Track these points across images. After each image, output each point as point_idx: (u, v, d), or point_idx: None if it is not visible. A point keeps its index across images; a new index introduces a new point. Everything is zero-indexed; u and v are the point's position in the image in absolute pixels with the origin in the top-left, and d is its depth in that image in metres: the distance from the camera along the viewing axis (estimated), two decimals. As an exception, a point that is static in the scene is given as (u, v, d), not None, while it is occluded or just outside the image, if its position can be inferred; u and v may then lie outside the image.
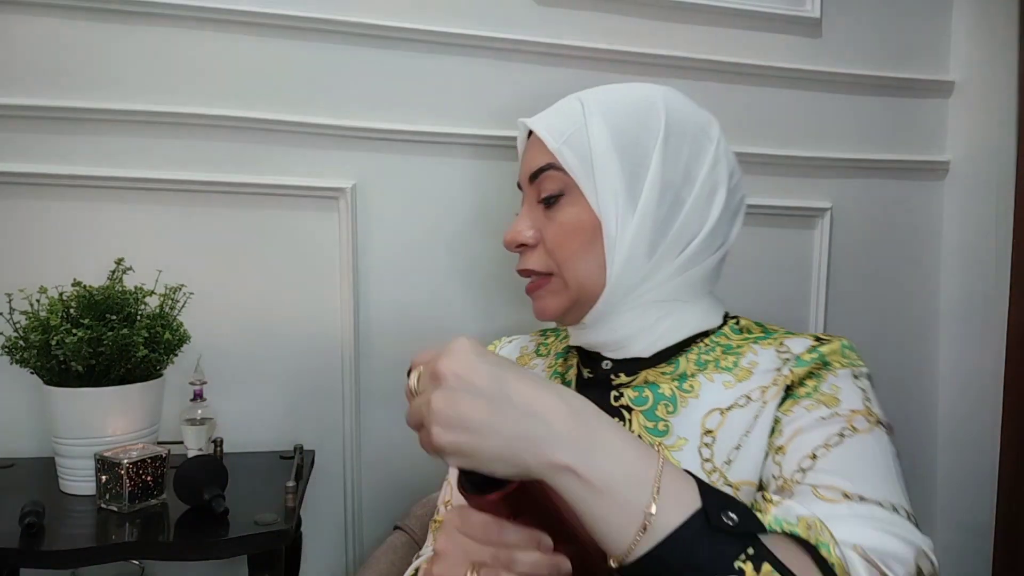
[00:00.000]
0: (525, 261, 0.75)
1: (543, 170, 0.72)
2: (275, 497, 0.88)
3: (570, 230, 0.71)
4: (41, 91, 1.02)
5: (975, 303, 1.37)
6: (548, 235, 0.72)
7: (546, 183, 0.72)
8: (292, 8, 1.07)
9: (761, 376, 0.68)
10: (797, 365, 0.66)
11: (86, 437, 0.89)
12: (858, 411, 0.62)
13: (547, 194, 0.72)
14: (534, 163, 0.73)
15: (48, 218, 1.04)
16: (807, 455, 0.58)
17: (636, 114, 0.71)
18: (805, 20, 1.28)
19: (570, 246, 0.71)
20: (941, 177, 1.40)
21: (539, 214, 0.74)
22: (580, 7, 1.19)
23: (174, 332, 0.95)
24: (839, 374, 0.65)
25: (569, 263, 0.71)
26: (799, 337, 0.71)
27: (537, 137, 0.73)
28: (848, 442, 0.59)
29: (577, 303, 0.72)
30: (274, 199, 1.11)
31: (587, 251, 0.70)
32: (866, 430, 0.60)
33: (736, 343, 0.72)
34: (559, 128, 0.72)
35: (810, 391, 0.64)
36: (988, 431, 1.33)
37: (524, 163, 0.77)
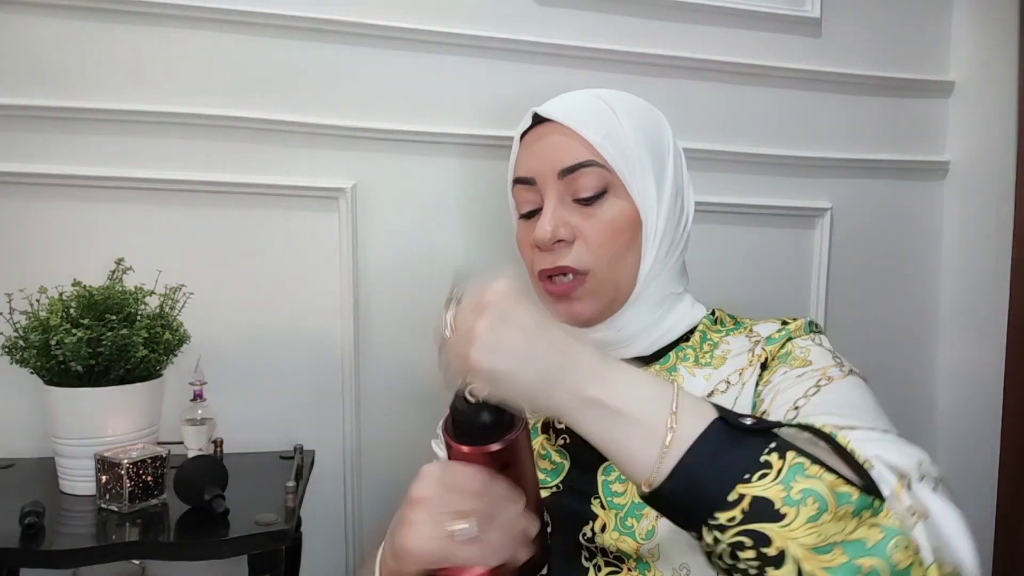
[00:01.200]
0: (559, 258, 0.70)
1: (583, 166, 0.69)
2: (275, 497, 0.88)
3: (617, 227, 0.69)
4: (41, 91, 1.02)
5: (975, 303, 1.37)
6: (591, 232, 0.70)
7: (585, 179, 0.69)
8: (292, 8, 1.07)
9: (735, 360, 0.70)
10: (768, 343, 0.69)
11: (86, 437, 0.89)
12: (830, 365, 0.64)
13: (589, 192, 0.69)
14: (567, 158, 0.70)
15: (48, 218, 1.04)
16: (789, 408, 0.59)
17: (651, 120, 0.74)
18: (805, 20, 1.28)
19: (616, 243, 0.69)
20: (941, 177, 1.40)
21: (571, 211, 0.70)
22: (580, 7, 1.18)
23: (174, 332, 0.95)
24: (805, 341, 0.69)
25: (613, 261, 0.70)
26: (766, 322, 0.74)
27: (561, 131, 0.70)
28: (826, 389, 0.60)
29: (611, 302, 0.71)
30: (274, 199, 1.11)
31: (629, 249, 0.70)
32: (841, 377, 0.62)
33: (712, 334, 0.75)
34: (595, 122, 0.70)
35: (782, 359, 0.67)
36: (988, 431, 1.33)
37: (544, 157, 0.72)
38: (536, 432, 0.77)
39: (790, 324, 0.72)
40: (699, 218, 1.27)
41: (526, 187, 0.74)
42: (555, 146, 0.71)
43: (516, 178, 0.75)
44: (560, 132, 0.71)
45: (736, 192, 1.28)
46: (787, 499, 0.40)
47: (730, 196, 1.28)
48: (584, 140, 0.69)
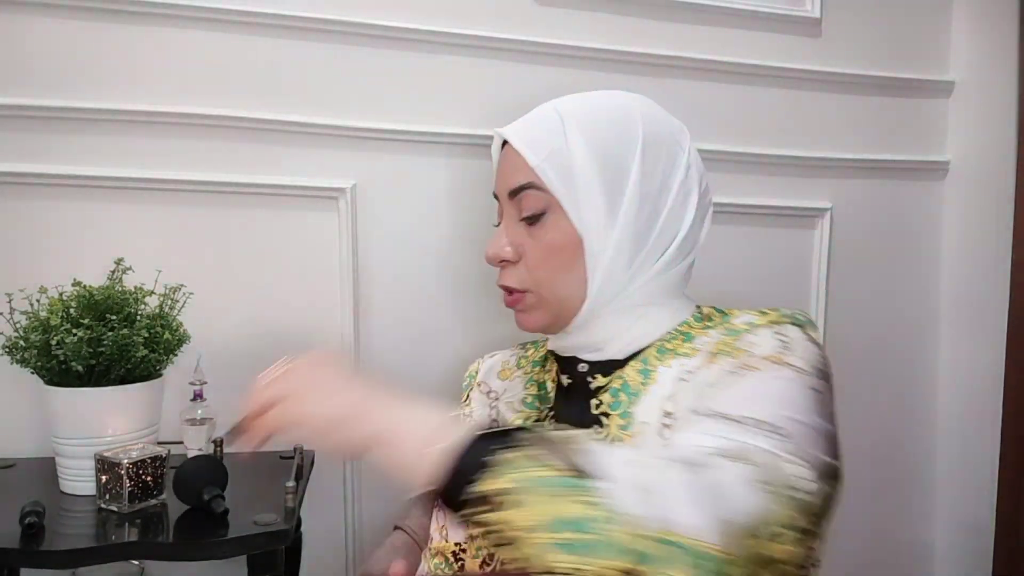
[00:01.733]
0: (504, 277, 0.74)
1: (523, 188, 0.70)
2: (275, 497, 0.88)
3: (553, 250, 0.70)
4: (42, 91, 1.02)
5: (975, 303, 1.37)
6: (529, 253, 0.71)
7: (527, 201, 0.70)
8: (292, 8, 1.07)
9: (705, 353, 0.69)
10: (729, 335, 0.68)
11: (86, 437, 0.89)
12: (766, 356, 0.61)
13: (529, 213, 0.70)
14: (513, 180, 0.71)
15: (48, 218, 1.04)
16: (699, 394, 0.61)
17: (615, 125, 0.71)
18: (805, 20, 1.28)
19: (551, 265, 0.71)
20: (941, 177, 1.40)
21: (520, 229, 0.72)
22: (580, 7, 1.18)
23: (174, 332, 0.95)
24: (759, 332, 0.65)
25: (549, 281, 0.71)
26: (746, 313, 0.72)
27: (514, 151, 0.71)
28: (735, 377, 0.60)
29: (559, 316, 0.73)
30: (274, 199, 1.11)
31: (568, 269, 0.70)
32: (765, 368, 0.60)
33: (696, 332, 0.72)
34: (539, 142, 0.70)
35: (728, 349, 0.65)
36: (988, 431, 1.33)
37: (501, 176, 0.74)
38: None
39: (764, 315, 0.70)
40: (699, 218, 1.28)
41: (496, 201, 0.77)
42: (508, 166, 0.73)
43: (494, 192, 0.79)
44: (513, 152, 0.72)
45: (736, 192, 1.28)
46: (500, 491, 0.47)
47: (730, 196, 1.28)
48: (526, 162, 0.70)
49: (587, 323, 0.72)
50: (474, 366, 0.89)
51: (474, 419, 0.78)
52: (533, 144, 0.70)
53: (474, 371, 0.88)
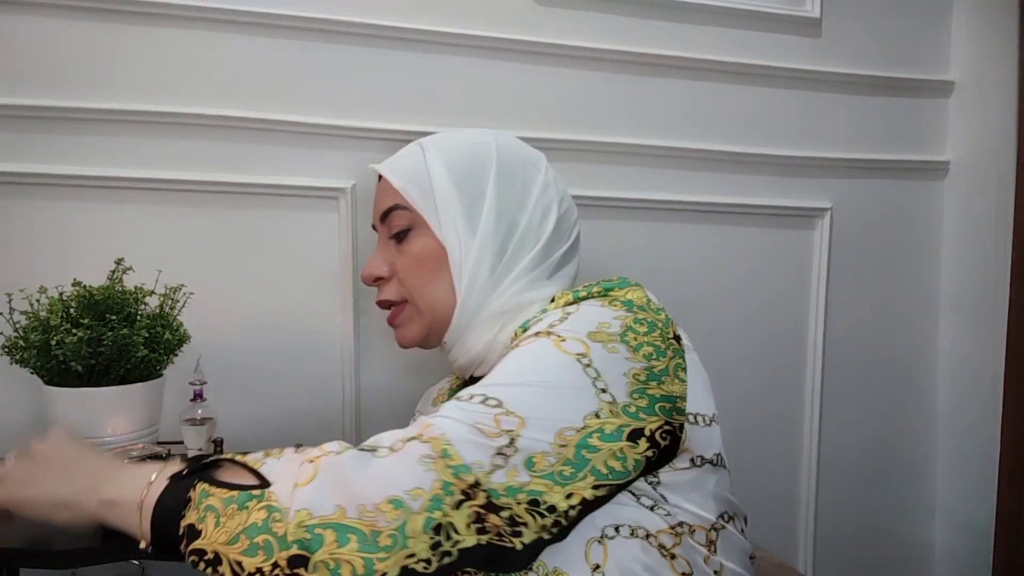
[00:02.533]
0: (382, 293, 0.82)
1: (392, 209, 0.79)
2: (275, 497, 0.88)
3: (419, 260, 0.78)
4: (41, 91, 1.02)
5: (975, 302, 1.37)
6: (400, 267, 0.80)
7: (395, 220, 0.79)
8: (292, 8, 1.07)
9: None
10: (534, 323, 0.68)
11: (86, 437, 0.89)
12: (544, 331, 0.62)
13: (397, 230, 0.79)
14: (383, 204, 0.81)
15: (48, 218, 1.04)
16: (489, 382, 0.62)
17: (471, 152, 0.80)
18: (805, 20, 1.28)
19: (419, 274, 0.78)
20: (941, 177, 1.40)
21: (392, 250, 0.81)
22: (580, 7, 1.19)
23: (174, 332, 0.95)
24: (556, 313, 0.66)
25: (420, 290, 0.78)
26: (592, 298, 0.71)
27: (386, 180, 0.80)
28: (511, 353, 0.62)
29: (433, 325, 0.79)
30: (274, 199, 1.11)
31: (435, 277, 0.78)
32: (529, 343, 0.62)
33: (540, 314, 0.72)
34: (403, 169, 0.80)
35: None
36: (988, 430, 1.33)
37: (375, 205, 0.83)
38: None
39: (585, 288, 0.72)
40: (700, 218, 1.29)
41: (376, 232, 0.85)
42: (380, 195, 0.83)
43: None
44: (384, 181, 0.81)
45: (736, 192, 1.28)
46: (200, 518, 0.54)
47: (730, 196, 1.28)
48: (393, 187, 0.79)
49: (462, 335, 0.78)
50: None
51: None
52: (397, 171, 0.80)
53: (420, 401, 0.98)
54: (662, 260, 1.26)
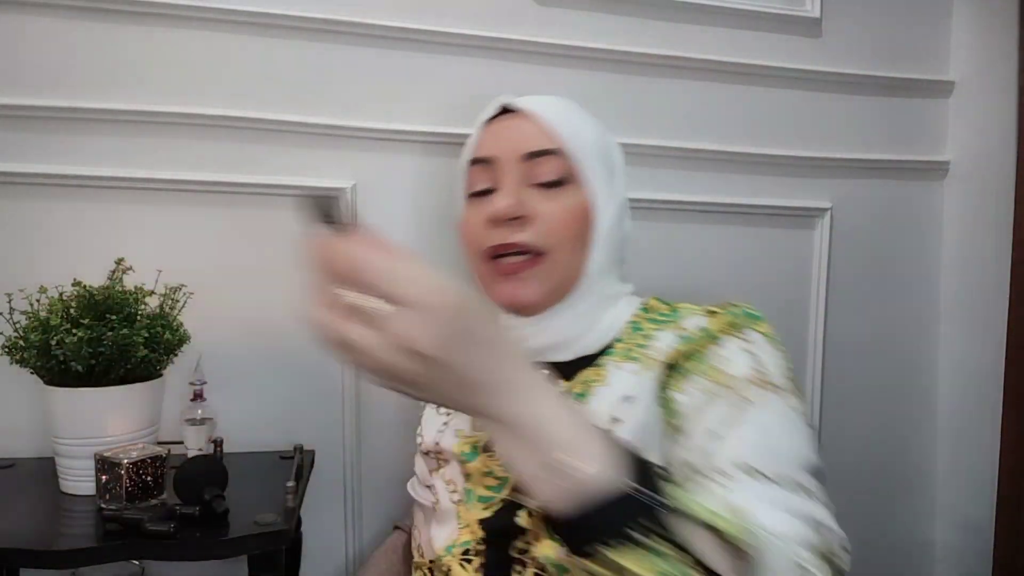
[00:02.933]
0: (514, 235, 0.72)
1: (545, 153, 0.73)
2: (275, 497, 0.88)
3: (573, 215, 0.72)
4: (41, 91, 1.02)
5: (975, 303, 1.37)
6: (547, 214, 0.72)
7: (547, 166, 0.73)
8: (292, 8, 1.07)
9: (659, 364, 0.69)
10: (684, 342, 0.69)
11: (86, 437, 0.89)
12: (748, 379, 0.63)
13: (549, 178, 0.73)
14: (532, 143, 0.74)
15: (48, 218, 1.04)
16: (706, 434, 0.60)
17: (605, 134, 0.80)
18: (805, 20, 1.28)
19: (569, 230, 0.72)
20: (941, 177, 1.40)
21: (533, 195, 0.73)
22: (580, 7, 1.18)
23: (174, 332, 0.95)
24: (726, 345, 0.67)
25: (565, 246, 0.72)
26: (695, 314, 0.73)
27: (529, 121, 0.74)
28: (744, 417, 0.60)
29: (558, 290, 0.73)
30: (274, 199, 1.11)
31: (579, 240, 0.73)
32: (759, 398, 0.61)
33: (645, 323, 0.75)
34: (563, 118, 0.74)
35: (699, 365, 0.66)
36: (988, 430, 1.33)
37: (507, 141, 0.75)
38: (476, 452, 0.77)
39: (713, 318, 0.70)
40: (700, 218, 1.29)
41: (483, 167, 0.77)
42: (522, 132, 0.75)
43: (474, 158, 0.78)
44: (528, 121, 0.75)
45: (736, 192, 1.28)
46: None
47: (730, 196, 1.28)
48: (551, 132, 0.73)
49: (567, 311, 0.74)
50: None
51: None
52: (559, 119, 0.74)
53: None
54: (661, 260, 1.26)
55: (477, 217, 0.76)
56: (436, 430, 0.84)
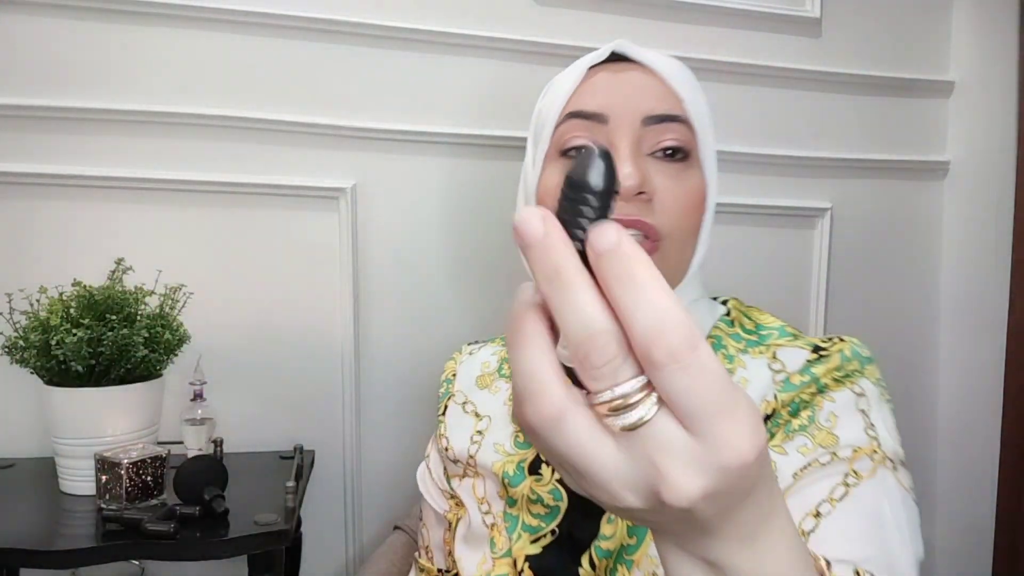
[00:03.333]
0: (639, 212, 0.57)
1: (674, 119, 0.59)
2: (275, 497, 0.88)
3: (693, 199, 0.60)
4: (41, 91, 1.02)
5: (975, 302, 1.37)
6: (669, 194, 0.58)
7: (672, 133, 0.59)
8: (292, 8, 1.07)
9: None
10: (785, 389, 0.58)
11: (86, 437, 0.89)
12: (860, 449, 0.55)
13: (673, 144, 0.59)
14: (659, 105, 0.59)
15: (48, 218, 1.04)
16: (810, 512, 0.52)
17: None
18: (805, 20, 1.28)
19: (690, 217, 0.60)
20: (941, 177, 1.40)
21: (653, 167, 0.59)
22: (580, 7, 1.18)
23: (174, 332, 0.95)
24: (836, 399, 0.57)
25: (680, 235, 0.59)
26: (795, 346, 0.62)
27: (649, 76, 0.61)
28: (853, 495, 0.52)
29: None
30: (274, 199, 1.11)
31: (694, 230, 0.61)
32: (870, 474, 0.53)
33: (728, 341, 0.64)
34: (686, 83, 0.61)
35: (804, 423, 0.56)
36: (988, 430, 1.33)
37: (629, 96, 0.60)
38: (523, 474, 0.65)
39: (821, 362, 0.59)
40: (699, 218, 1.28)
41: (588, 123, 0.61)
42: (644, 88, 0.60)
43: (577, 111, 0.62)
44: (647, 76, 0.60)
45: (736, 192, 1.28)
46: None
47: (730, 196, 1.28)
48: (676, 94, 0.60)
49: None
50: (451, 365, 0.77)
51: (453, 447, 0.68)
52: (683, 80, 0.61)
53: (451, 373, 0.76)
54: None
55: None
56: (468, 438, 0.70)
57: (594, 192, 0.26)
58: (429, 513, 0.77)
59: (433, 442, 0.78)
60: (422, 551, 0.78)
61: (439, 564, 0.75)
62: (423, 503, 0.79)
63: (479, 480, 0.69)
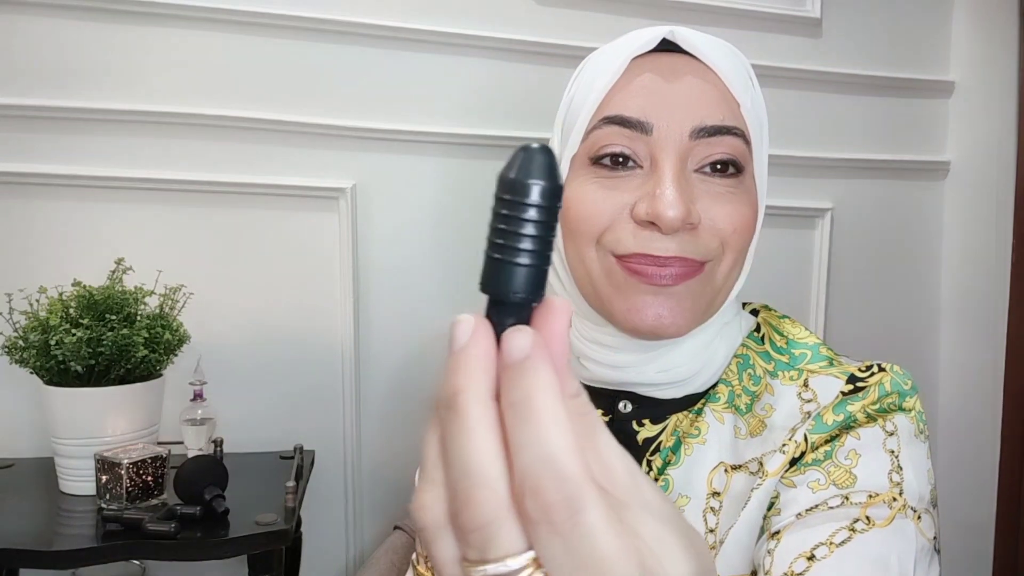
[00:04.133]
0: (680, 247, 0.50)
1: (728, 132, 0.51)
2: (275, 497, 0.88)
3: (746, 223, 0.53)
4: (41, 91, 1.02)
5: (975, 303, 1.37)
6: (720, 220, 0.51)
7: (724, 148, 0.51)
8: (292, 8, 1.07)
9: (775, 433, 0.52)
10: (815, 431, 0.51)
11: (86, 437, 0.89)
12: (878, 495, 0.47)
13: (726, 158, 0.51)
14: (712, 114, 0.51)
15: (48, 218, 1.04)
16: (804, 554, 0.45)
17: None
18: (805, 20, 1.28)
19: (740, 242, 0.53)
20: (941, 177, 1.40)
21: (699, 188, 0.52)
22: (580, 7, 1.18)
23: (174, 332, 0.95)
24: (862, 435, 0.50)
25: (727, 260, 0.53)
26: (830, 374, 0.55)
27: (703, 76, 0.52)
28: (857, 540, 0.45)
29: (703, 316, 0.54)
30: (274, 199, 1.11)
31: (742, 253, 0.54)
32: (884, 522, 0.46)
33: (758, 365, 0.57)
34: (740, 82, 0.53)
35: (820, 458, 0.50)
36: (988, 431, 1.33)
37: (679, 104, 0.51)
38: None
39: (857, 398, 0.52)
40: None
41: (630, 134, 0.51)
42: (697, 92, 0.52)
43: (616, 117, 0.52)
44: (703, 75, 0.52)
45: (736, 192, 1.28)
46: None
47: (730, 196, 1.28)
48: (731, 98, 0.52)
49: (689, 339, 0.55)
50: None
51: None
52: (737, 83, 0.53)
53: None
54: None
55: (607, 199, 0.51)
56: None
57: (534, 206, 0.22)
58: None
59: None
60: (420, 558, 0.76)
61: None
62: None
63: None
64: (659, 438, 0.55)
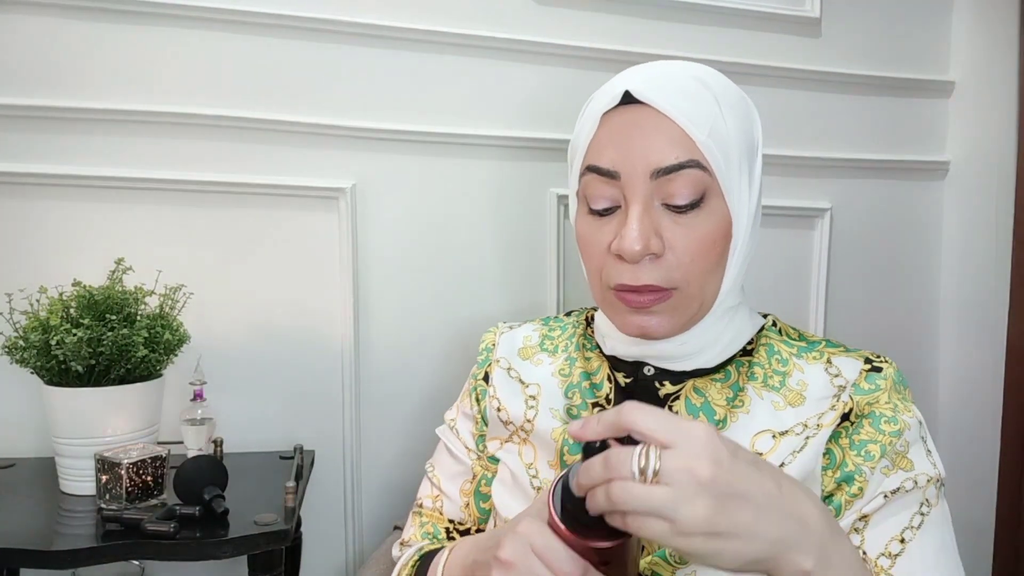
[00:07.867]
0: (644, 274, 0.61)
1: (683, 167, 0.59)
2: (275, 497, 0.88)
3: (712, 240, 0.61)
4: (40, 91, 1.02)
5: (975, 303, 1.37)
6: (682, 245, 0.61)
7: (682, 182, 0.60)
8: (292, 8, 1.07)
9: (816, 403, 0.63)
10: (857, 393, 0.63)
11: (86, 437, 0.89)
12: (930, 478, 0.62)
13: (687, 199, 0.60)
14: (666, 156, 0.59)
15: (48, 218, 1.04)
16: (895, 537, 0.60)
17: (748, 113, 0.65)
18: (805, 20, 1.28)
19: (709, 258, 0.62)
20: (941, 177, 1.40)
21: (664, 219, 0.61)
22: (580, 7, 1.18)
23: (174, 332, 0.95)
24: (908, 424, 0.62)
25: (702, 276, 0.62)
26: (847, 356, 0.66)
27: (658, 121, 0.60)
28: (927, 524, 0.61)
29: (689, 322, 0.65)
30: (274, 199, 1.11)
31: (719, 263, 0.63)
32: (936, 502, 0.62)
33: (780, 347, 0.68)
34: (701, 116, 0.60)
35: (885, 446, 0.61)
36: (988, 431, 1.33)
37: (638, 152, 0.61)
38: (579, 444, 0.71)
39: (878, 373, 0.64)
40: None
41: (605, 180, 0.63)
42: (652, 140, 0.60)
43: (593, 167, 0.63)
44: (657, 122, 0.60)
45: (736, 192, 1.28)
46: None
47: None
48: (689, 135, 0.59)
49: (693, 329, 0.66)
50: (490, 336, 0.82)
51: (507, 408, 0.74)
52: (695, 117, 0.60)
53: (490, 343, 0.81)
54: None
55: (598, 238, 0.64)
56: (523, 402, 0.73)
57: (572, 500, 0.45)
58: (446, 465, 0.80)
59: (459, 407, 0.82)
60: (427, 501, 0.80)
61: (450, 515, 0.78)
62: (440, 456, 0.81)
63: (526, 447, 0.72)
64: (678, 393, 0.66)
